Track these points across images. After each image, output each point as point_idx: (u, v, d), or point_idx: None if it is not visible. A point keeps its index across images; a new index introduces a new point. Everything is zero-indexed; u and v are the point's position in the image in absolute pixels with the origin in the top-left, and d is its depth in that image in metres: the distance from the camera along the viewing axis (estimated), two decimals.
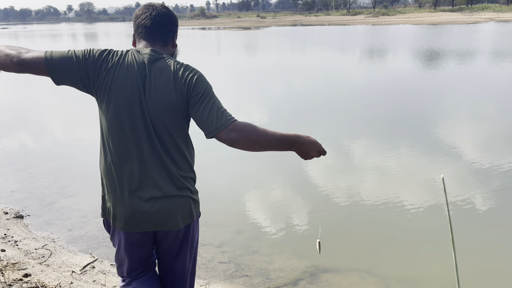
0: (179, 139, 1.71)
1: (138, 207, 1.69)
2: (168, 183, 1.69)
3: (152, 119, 1.65)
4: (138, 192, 1.68)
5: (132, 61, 1.65)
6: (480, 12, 67.94)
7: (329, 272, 3.38)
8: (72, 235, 3.97)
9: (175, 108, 1.65)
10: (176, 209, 1.73)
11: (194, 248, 1.93)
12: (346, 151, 6.38)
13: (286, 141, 1.67)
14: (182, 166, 1.73)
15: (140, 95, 1.64)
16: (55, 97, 11.49)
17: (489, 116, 8.36)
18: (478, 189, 4.83)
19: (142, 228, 1.74)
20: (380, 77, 13.77)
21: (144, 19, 1.74)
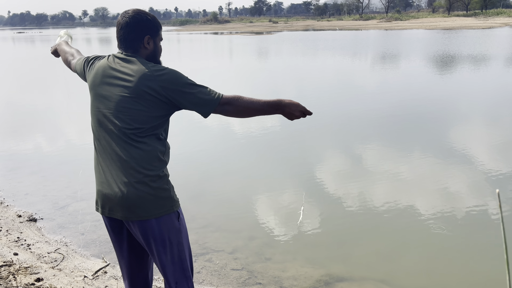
0: (138, 135, 1.81)
1: (104, 191, 1.86)
2: (125, 175, 1.80)
3: (114, 116, 1.82)
4: (102, 178, 1.88)
5: (104, 64, 1.89)
6: (495, 17, 67.13)
7: (344, 281, 3.31)
8: (84, 239, 3.96)
9: (135, 105, 1.79)
10: (129, 201, 1.80)
11: (170, 248, 1.90)
12: (359, 156, 6.30)
13: (270, 105, 1.89)
14: (141, 161, 1.80)
15: (105, 94, 1.85)
16: (70, 101, 11.61)
17: (503, 122, 8.19)
18: (493, 195, 4.70)
19: (104, 212, 1.90)
20: (393, 82, 13.63)
21: (118, 30, 1.93)
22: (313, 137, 7.38)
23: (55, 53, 2.54)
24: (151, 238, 1.86)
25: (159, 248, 1.88)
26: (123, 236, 1.97)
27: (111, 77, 1.85)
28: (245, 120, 8.79)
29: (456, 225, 4.12)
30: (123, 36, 1.89)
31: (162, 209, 1.85)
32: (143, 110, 1.80)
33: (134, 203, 1.80)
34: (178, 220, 1.92)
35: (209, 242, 3.89)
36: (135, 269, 2.05)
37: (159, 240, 1.87)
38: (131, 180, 1.79)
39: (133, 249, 2.00)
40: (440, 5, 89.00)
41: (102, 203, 1.88)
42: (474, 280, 3.33)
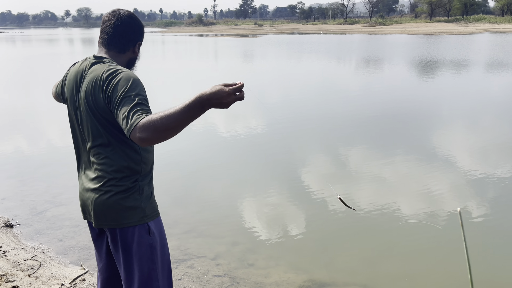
0: (104, 141, 1.75)
1: (81, 196, 1.87)
2: (92, 182, 1.79)
3: (82, 121, 1.79)
4: (80, 184, 1.89)
5: (76, 69, 1.84)
6: (475, 23, 68.55)
7: (327, 286, 3.29)
8: (62, 245, 3.87)
9: (97, 110, 1.71)
10: (96, 208, 1.78)
11: (137, 263, 1.81)
12: (343, 160, 6.32)
13: (192, 108, 1.49)
14: (108, 168, 1.75)
15: (75, 99, 1.82)
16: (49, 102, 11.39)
17: (484, 125, 8.34)
18: (474, 198, 4.76)
19: (85, 217, 1.91)
20: (377, 86, 13.76)
21: (107, 26, 1.82)
22: (298, 140, 7.38)
23: None
24: (119, 247, 1.82)
25: (124, 259, 1.83)
26: (104, 241, 1.94)
27: (80, 82, 1.81)
28: (229, 122, 8.76)
29: (438, 230, 4.15)
30: (119, 34, 1.81)
31: (128, 220, 1.77)
32: (105, 116, 1.73)
33: (101, 210, 1.77)
34: (149, 234, 1.82)
35: (191, 248, 3.83)
36: (113, 278, 1.98)
37: (124, 251, 1.81)
38: (99, 187, 1.76)
39: (111, 258, 1.95)
40: (422, 11, 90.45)
41: (82, 207, 1.89)
42: (455, 285, 3.35)
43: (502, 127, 8.25)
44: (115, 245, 1.82)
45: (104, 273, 1.99)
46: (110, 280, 1.99)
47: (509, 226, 4.26)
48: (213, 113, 9.81)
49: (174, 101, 11.13)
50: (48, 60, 24.65)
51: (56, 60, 24.90)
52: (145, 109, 1.55)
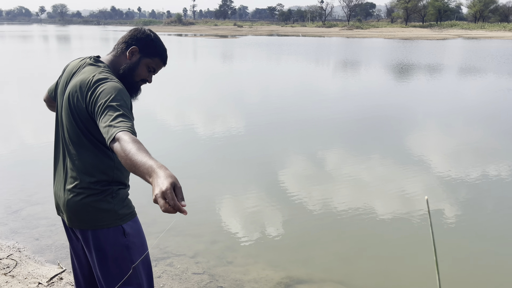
0: (80, 142, 1.75)
1: (55, 195, 1.88)
2: (66, 182, 1.80)
3: (63, 119, 1.80)
4: (55, 182, 1.89)
5: (74, 65, 1.87)
6: (449, 28, 70.45)
7: (304, 283, 3.37)
8: (39, 244, 3.82)
9: (77, 112, 1.72)
10: (69, 208, 1.78)
11: (113, 265, 1.81)
12: (320, 161, 6.43)
13: (147, 173, 1.36)
14: (82, 170, 1.75)
15: (62, 95, 1.83)
16: (23, 100, 11.13)
17: (456, 128, 8.62)
18: (447, 198, 4.94)
19: (59, 213, 1.91)
20: (354, 89, 14.02)
21: None
22: (276, 141, 7.46)
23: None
24: (92, 249, 1.80)
25: (98, 260, 1.81)
26: (79, 239, 1.90)
27: (73, 78, 1.81)
28: (208, 122, 8.78)
29: (412, 227, 4.29)
30: (121, 37, 1.89)
31: (100, 222, 1.77)
32: (81, 118, 1.73)
33: (73, 211, 1.77)
34: (124, 235, 1.81)
35: (170, 246, 3.85)
36: (86, 273, 1.97)
37: (97, 252, 1.80)
38: (71, 188, 1.76)
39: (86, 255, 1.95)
40: (398, 16, 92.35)
41: (57, 206, 1.89)
42: (428, 280, 3.48)
43: (473, 130, 8.55)
44: (88, 247, 1.81)
45: (84, 268, 1.97)
46: (91, 276, 1.98)
47: (479, 226, 4.44)
48: (192, 113, 9.81)
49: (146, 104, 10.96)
50: (21, 57, 24.03)
51: (30, 56, 24.31)
52: (126, 121, 1.52)
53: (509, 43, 41.63)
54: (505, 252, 3.91)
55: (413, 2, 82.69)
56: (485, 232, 4.29)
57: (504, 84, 14.55)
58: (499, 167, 6.08)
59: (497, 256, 3.85)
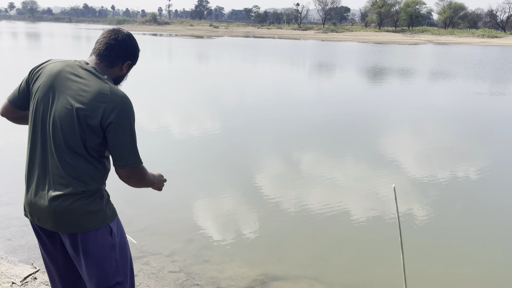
0: (79, 151, 1.75)
1: (32, 200, 1.82)
2: (53, 187, 1.75)
3: (56, 124, 1.74)
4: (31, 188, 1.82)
5: (59, 69, 1.79)
6: (420, 34, 72.39)
7: (279, 280, 3.45)
8: (11, 244, 3.76)
9: (86, 122, 1.72)
10: (56, 213, 1.75)
11: (98, 260, 1.83)
12: (294, 162, 6.54)
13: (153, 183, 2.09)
14: (75, 176, 1.75)
15: (52, 99, 1.78)
16: None
17: (426, 130, 8.92)
18: (418, 198, 5.13)
19: (33, 220, 1.86)
20: (329, 91, 14.26)
21: (103, 38, 1.88)
22: (251, 143, 7.54)
23: None
24: (80, 252, 1.80)
25: (86, 263, 1.82)
26: (57, 244, 1.89)
27: (65, 84, 1.76)
28: (184, 124, 8.77)
29: (383, 226, 4.44)
30: (111, 47, 1.85)
31: (90, 223, 1.79)
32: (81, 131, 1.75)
33: (61, 216, 1.75)
34: (111, 235, 1.85)
35: (147, 245, 3.86)
36: (74, 277, 1.97)
37: (85, 255, 1.81)
38: (61, 194, 1.73)
39: (69, 256, 1.92)
40: (372, 20, 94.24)
41: (31, 211, 1.82)
42: (397, 276, 3.62)
43: (443, 132, 8.86)
44: (76, 250, 1.81)
45: (61, 270, 1.96)
46: (71, 278, 1.97)
47: (446, 225, 4.63)
48: (167, 115, 9.77)
49: None
50: None
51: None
52: (138, 154, 1.84)
53: (477, 49, 43.17)
54: (471, 251, 4.10)
55: (386, 7, 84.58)
56: (452, 231, 4.49)
57: (472, 88, 15.11)
58: (467, 169, 6.34)
59: (462, 255, 4.04)
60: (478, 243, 4.20)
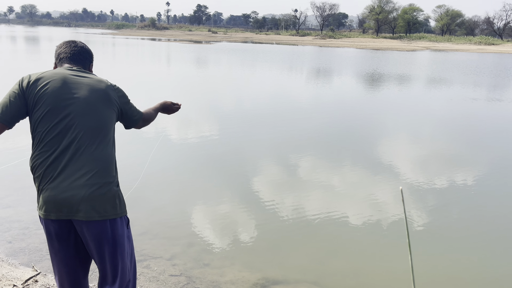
0: (107, 138, 2.05)
1: (61, 193, 1.93)
2: (86, 176, 1.94)
3: (82, 119, 1.98)
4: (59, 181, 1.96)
5: (61, 75, 2.01)
6: (418, 40, 72.87)
7: (279, 284, 3.46)
8: (12, 247, 3.76)
9: (110, 110, 2.07)
10: (87, 201, 1.92)
11: (119, 250, 2.01)
12: (293, 167, 6.57)
13: (158, 110, 2.57)
14: (109, 165, 2.01)
15: (68, 99, 1.99)
16: None
17: (425, 138, 8.97)
18: (416, 204, 5.16)
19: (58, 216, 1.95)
20: (327, 97, 14.32)
21: (66, 47, 2.19)
22: (250, 148, 7.57)
23: None
24: (103, 240, 1.92)
25: (109, 251, 1.94)
26: (70, 241, 1.97)
27: (75, 83, 2.00)
28: (182, 128, 8.79)
29: (380, 230, 4.47)
30: (79, 53, 2.20)
31: (118, 211, 1.96)
32: (106, 118, 2.01)
33: (96, 202, 1.87)
34: (127, 227, 2.05)
35: (147, 249, 3.87)
36: (80, 275, 2.05)
37: (114, 242, 1.94)
38: (98, 181, 1.88)
39: (79, 254, 2.01)
40: (369, 27, 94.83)
41: (54, 205, 1.86)
42: (397, 279, 3.64)
43: (440, 138, 8.92)
44: (103, 237, 1.91)
45: (73, 271, 2.02)
46: (80, 275, 2.05)
47: (445, 229, 4.66)
48: (166, 119, 9.79)
49: None
50: None
51: None
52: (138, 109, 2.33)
53: (475, 55, 43.46)
54: (469, 254, 4.13)
55: (384, 14, 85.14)
56: (450, 235, 4.51)
57: (469, 94, 15.21)
58: (464, 173, 6.39)
59: (461, 258, 4.07)
60: (478, 247, 4.23)
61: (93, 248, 1.94)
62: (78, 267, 2.03)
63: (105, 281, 2.01)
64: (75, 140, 1.89)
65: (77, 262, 2.02)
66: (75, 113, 1.92)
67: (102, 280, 2.02)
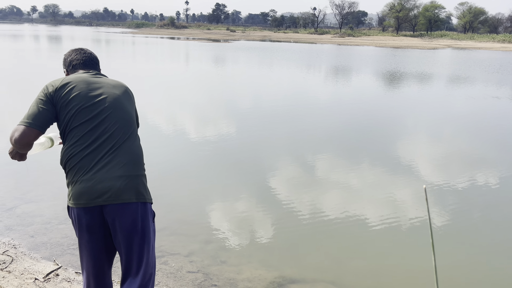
0: (135, 131, 2.21)
1: (98, 183, 2.06)
2: (131, 167, 2.13)
3: (112, 116, 2.12)
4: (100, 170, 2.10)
5: (83, 79, 2.15)
6: (439, 38, 71.51)
7: (296, 282, 3.45)
8: (34, 241, 3.85)
9: (131, 108, 2.22)
10: (125, 186, 2.08)
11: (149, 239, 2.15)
12: (311, 166, 6.53)
13: None
14: (141, 155, 2.22)
15: (95, 98, 2.13)
16: (13, 98, 11.08)
17: (446, 137, 8.80)
18: (436, 205, 5.07)
19: (96, 202, 2.06)
20: (345, 96, 14.19)
21: (77, 55, 2.33)
22: (268, 146, 7.55)
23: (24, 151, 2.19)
24: (138, 224, 2.03)
25: (141, 238, 2.05)
26: (100, 233, 2.04)
27: (99, 82, 2.17)
28: (199, 126, 8.84)
29: (400, 231, 4.40)
30: (90, 59, 2.34)
31: (149, 197, 2.14)
32: (132, 113, 2.20)
33: (133, 188, 2.02)
34: (153, 221, 2.18)
35: (165, 245, 3.90)
36: (105, 266, 2.13)
37: (144, 227, 2.06)
38: (136, 171, 2.06)
39: (106, 247, 2.09)
40: (389, 25, 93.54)
41: (89, 193, 1.96)
42: (416, 280, 3.58)
43: (462, 137, 8.73)
44: (132, 226, 2.01)
45: (100, 262, 2.10)
46: (103, 267, 2.12)
47: (467, 231, 4.56)
48: (184, 117, 9.86)
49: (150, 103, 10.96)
50: (16, 56, 23.85)
51: (23, 56, 24.14)
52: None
53: (498, 54, 42.42)
54: (491, 257, 4.03)
55: (404, 11, 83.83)
56: (474, 237, 4.42)
57: (492, 93, 14.86)
58: (487, 174, 6.24)
59: (485, 261, 3.97)
60: (503, 249, 4.13)
61: (122, 239, 2.02)
62: (105, 259, 2.11)
63: (129, 273, 2.07)
64: (109, 132, 2.03)
65: (104, 254, 2.09)
66: (106, 107, 2.07)
67: (126, 271, 2.08)
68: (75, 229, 2.08)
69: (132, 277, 2.06)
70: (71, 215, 2.06)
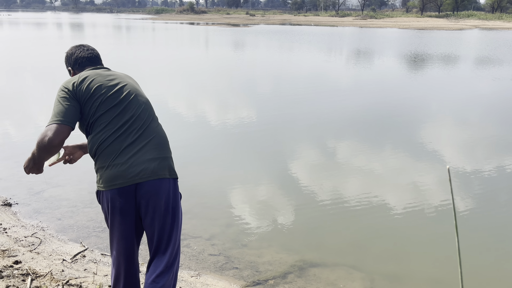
0: (156, 120, 2.31)
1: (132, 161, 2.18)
2: (162, 149, 2.27)
3: (135, 104, 2.23)
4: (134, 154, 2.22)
5: (96, 73, 2.22)
6: (466, 19, 69.13)
7: (317, 266, 3.46)
8: (61, 224, 3.97)
9: (145, 96, 2.33)
10: (159, 165, 2.22)
11: (178, 221, 2.27)
12: (333, 151, 6.49)
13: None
14: (166, 139, 2.32)
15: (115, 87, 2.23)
16: (39, 87, 11.34)
17: (471, 121, 8.58)
18: (460, 190, 4.97)
19: (132, 180, 2.17)
20: (367, 79, 13.95)
21: (81, 52, 2.36)
22: (289, 130, 7.53)
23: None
24: (170, 201, 2.14)
25: (173, 214, 2.15)
26: (132, 216, 2.12)
27: (113, 74, 2.27)
28: (220, 111, 8.86)
29: (422, 216, 4.35)
30: (95, 57, 2.39)
31: (177, 176, 2.25)
32: (148, 99, 2.31)
33: (165, 167, 2.15)
34: (180, 198, 2.31)
35: (187, 228, 3.97)
36: (134, 247, 2.22)
37: (175, 205, 2.18)
38: (166, 153, 2.19)
39: (137, 229, 2.18)
40: (413, 5, 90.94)
41: (124, 177, 2.04)
42: (438, 265, 3.55)
43: (488, 122, 8.50)
44: (166, 203, 2.11)
45: (130, 245, 2.18)
46: (132, 248, 2.20)
47: (492, 219, 4.47)
48: (204, 102, 9.90)
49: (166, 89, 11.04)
50: (39, 44, 24.32)
51: (46, 44, 24.59)
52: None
53: None
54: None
55: None
56: (498, 225, 4.33)
57: None
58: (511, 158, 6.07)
59: (509, 248, 3.90)
60: None
61: (155, 218, 2.11)
62: (134, 240, 2.20)
63: (158, 250, 2.16)
64: (135, 116, 2.13)
65: (134, 235, 2.18)
66: (129, 93, 2.17)
67: (156, 249, 2.17)
68: (106, 212, 2.13)
69: (160, 255, 2.15)
70: (103, 198, 2.11)
